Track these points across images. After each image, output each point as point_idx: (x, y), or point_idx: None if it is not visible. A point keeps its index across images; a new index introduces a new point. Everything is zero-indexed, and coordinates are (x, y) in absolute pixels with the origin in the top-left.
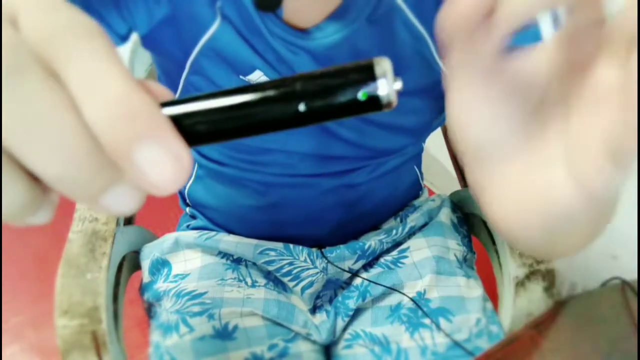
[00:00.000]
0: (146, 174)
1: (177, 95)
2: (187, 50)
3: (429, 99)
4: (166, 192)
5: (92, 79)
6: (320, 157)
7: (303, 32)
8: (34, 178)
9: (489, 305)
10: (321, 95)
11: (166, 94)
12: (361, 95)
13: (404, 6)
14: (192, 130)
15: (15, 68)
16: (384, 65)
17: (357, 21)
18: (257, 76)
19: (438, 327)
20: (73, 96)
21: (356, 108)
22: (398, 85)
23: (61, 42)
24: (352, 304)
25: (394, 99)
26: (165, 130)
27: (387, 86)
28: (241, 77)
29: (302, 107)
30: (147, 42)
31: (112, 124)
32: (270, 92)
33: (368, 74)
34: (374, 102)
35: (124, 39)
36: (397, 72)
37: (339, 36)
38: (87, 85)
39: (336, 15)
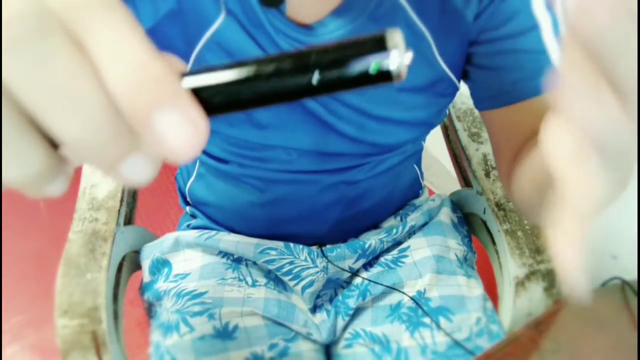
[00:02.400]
0: (164, 139)
1: None
2: (192, 44)
3: (428, 96)
4: (183, 158)
5: (115, 45)
6: (320, 154)
7: (306, 28)
8: (51, 144)
9: (489, 304)
10: (334, 66)
11: (182, 66)
12: (373, 66)
13: (406, 4)
14: (209, 100)
15: (40, 31)
16: (395, 38)
17: (360, 18)
18: None
19: (438, 326)
20: (95, 62)
21: (368, 79)
22: (409, 56)
23: (85, 10)
24: (352, 303)
25: (404, 71)
26: (184, 97)
27: (398, 58)
28: None
29: (315, 77)
30: (152, 36)
31: (132, 90)
32: (285, 63)
33: (380, 45)
34: (385, 74)
35: None
36: None
37: (342, 32)
38: (110, 51)
39: (339, 12)
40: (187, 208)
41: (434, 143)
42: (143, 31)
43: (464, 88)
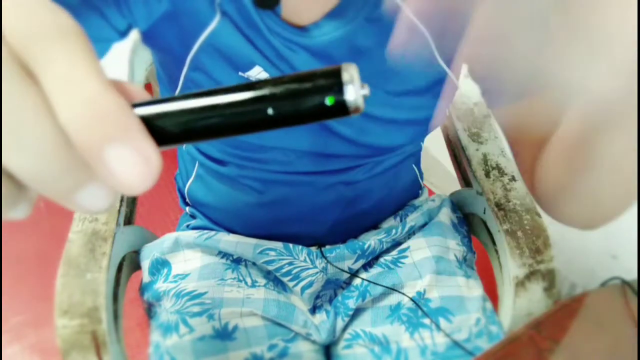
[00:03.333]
0: (115, 174)
1: (177, 92)
2: (187, 46)
3: (427, 97)
4: (135, 192)
5: (65, 79)
6: (318, 155)
7: (301, 29)
8: (9, 175)
9: (489, 305)
10: (289, 99)
11: (142, 94)
12: (328, 100)
13: (403, 5)
14: (163, 130)
15: None
16: (351, 72)
17: (356, 20)
18: (257, 72)
19: (438, 327)
20: (47, 96)
21: (324, 113)
22: (365, 91)
23: (37, 42)
24: (351, 303)
25: (361, 105)
26: (135, 132)
27: (354, 92)
28: (240, 73)
29: (270, 111)
30: (147, 38)
31: (82, 125)
32: (240, 95)
33: (335, 80)
34: (341, 108)
35: (123, 34)
36: (396, 71)
37: (337, 34)
38: (60, 85)
39: (334, 14)
40: (187, 208)
41: (434, 143)
42: (97, 62)
43: (464, 88)
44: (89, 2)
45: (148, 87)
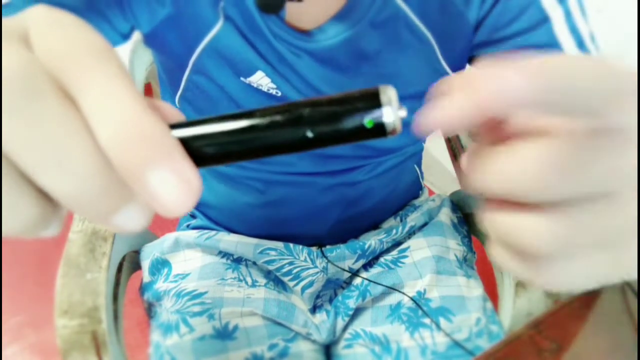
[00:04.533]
0: (156, 197)
1: (178, 94)
2: (190, 49)
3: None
4: (175, 214)
5: (105, 101)
6: (320, 156)
7: (305, 34)
8: (45, 195)
9: (489, 304)
10: (328, 121)
11: (175, 114)
12: (367, 122)
13: (407, 9)
14: (200, 152)
15: (31, 90)
16: (389, 93)
17: (360, 24)
18: (259, 77)
19: (438, 326)
20: (86, 118)
21: (362, 134)
22: (403, 113)
23: (74, 64)
24: (352, 303)
25: (398, 126)
26: (176, 154)
27: (392, 114)
28: (242, 78)
29: (309, 133)
30: (150, 40)
31: (123, 147)
32: (279, 117)
33: (374, 102)
34: (379, 129)
35: (126, 37)
36: (400, 74)
37: (341, 38)
38: (100, 108)
39: (338, 18)
40: None
41: (434, 143)
42: (133, 82)
43: None
44: (93, 6)
45: (148, 87)
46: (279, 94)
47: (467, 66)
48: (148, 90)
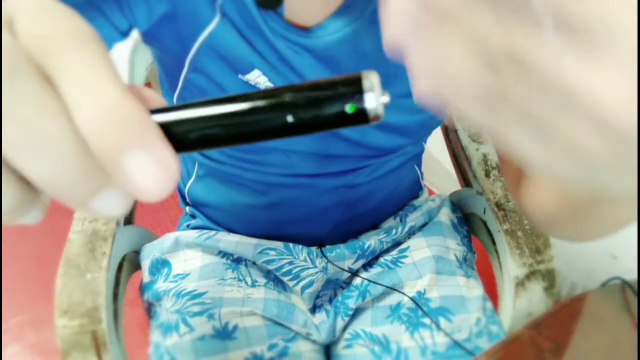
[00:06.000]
0: (133, 181)
1: (176, 93)
2: (187, 47)
3: None
4: (153, 199)
5: (84, 85)
6: (321, 157)
7: (305, 30)
8: (24, 180)
9: (489, 305)
10: (309, 106)
11: (157, 100)
12: (348, 108)
13: None
14: (181, 137)
15: (11, 72)
16: (371, 79)
17: (360, 19)
18: (256, 75)
19: (438, 326)
20: (65, 102)
21: (344, 120)
22: (385, 99)
23: (55, 48)
24: (351, 303)
25: (381, 113)
26: (154, 138)
27: (374, 100)
28: (239, 76)
29: (290, 118)
30: (147, 38)
31: (101, 131)
32: (259, 102)
33: (356, 87)
34: (361, 115)
35: (124, 34)
36: (400, 73)
37: (341, 34)
38: (79, 91)
39: (338, 14)
40: (187, 208)
41: (434, 143)
42: (114, 67)
43: None
44: (91, 2)
45: (148, 87)
46: None
47: None
48: None
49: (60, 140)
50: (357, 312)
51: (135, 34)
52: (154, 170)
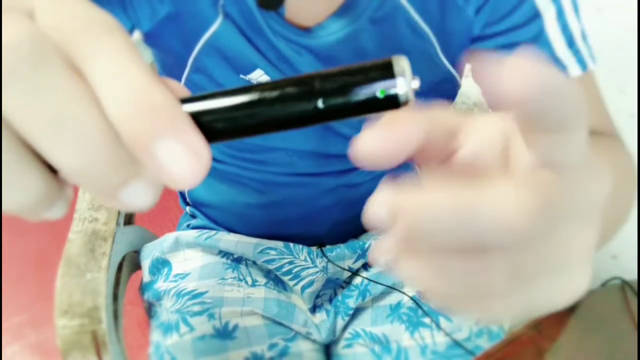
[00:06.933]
0: (166, 169)
1: None
2: (189, 48)
3: (431, 96)
4: (185, 186)
5: (114, 73)
6: (321, 156)
7: (305, 30)
8: (51, 171)
9: None
10: (340, 92)
11: (182, 90)
12: (379, 93)
13: (407, 5)
14: (211, 126)
15: (36, 57)
16: (402, 64)
17: (360, 19)
18: (258, 75)
19: (438, 326)
20: (95, 90)
21: (374, 106)
22: (416, 83)
23: (82, 35)
24: (352, 303)
25: (411, 97)
26: (185, 126)
27: (405, 84)
28: (242, 76)
29: (320, 104)
30: (150, 39)
31: (133, 119)
32: (289, 89)
33: (387, 72)
34: (392, 101)
35: None
36: None
37: (342, 34)
38: (109, 79)
39: (339, 14)
40: (187, 208)
41: None
42: (141, 56)
43: (464, 88)
44: (95, 2)
45: None
46: None
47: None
48: None
49: (92, 128)
50: (357, 312)
51: (135, 35)
52: (187, 157)
